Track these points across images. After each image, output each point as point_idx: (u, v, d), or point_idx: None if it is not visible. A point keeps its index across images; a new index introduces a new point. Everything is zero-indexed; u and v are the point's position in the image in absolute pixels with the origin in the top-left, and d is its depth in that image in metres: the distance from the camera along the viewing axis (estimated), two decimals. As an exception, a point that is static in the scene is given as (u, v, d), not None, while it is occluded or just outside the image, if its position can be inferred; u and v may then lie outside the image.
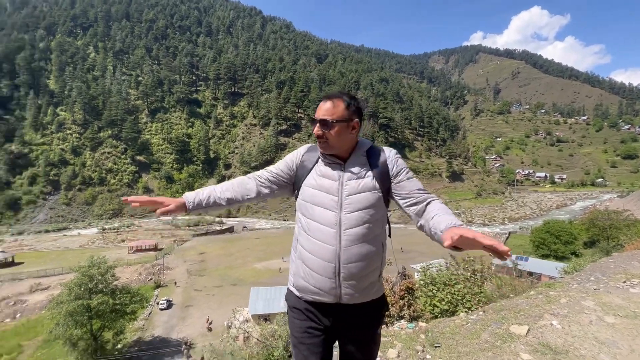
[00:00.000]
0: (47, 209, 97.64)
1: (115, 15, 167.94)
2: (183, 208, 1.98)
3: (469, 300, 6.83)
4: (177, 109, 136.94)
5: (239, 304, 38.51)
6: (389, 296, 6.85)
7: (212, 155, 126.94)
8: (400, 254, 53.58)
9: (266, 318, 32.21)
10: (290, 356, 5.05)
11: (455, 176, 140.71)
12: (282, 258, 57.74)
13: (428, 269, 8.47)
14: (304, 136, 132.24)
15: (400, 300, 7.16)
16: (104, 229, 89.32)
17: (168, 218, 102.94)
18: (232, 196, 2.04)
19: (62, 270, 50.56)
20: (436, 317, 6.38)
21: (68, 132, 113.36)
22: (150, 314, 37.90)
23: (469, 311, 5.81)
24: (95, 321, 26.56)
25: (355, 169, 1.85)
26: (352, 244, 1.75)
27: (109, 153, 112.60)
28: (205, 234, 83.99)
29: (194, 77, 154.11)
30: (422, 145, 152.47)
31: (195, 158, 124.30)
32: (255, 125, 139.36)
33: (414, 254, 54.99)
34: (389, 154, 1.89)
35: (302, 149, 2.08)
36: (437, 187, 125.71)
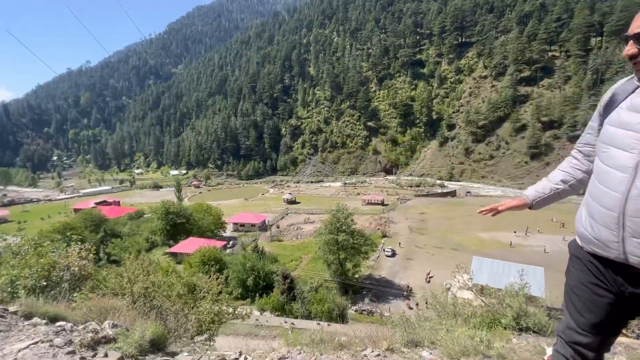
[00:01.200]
0: (311, 165, 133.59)
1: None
2: (524, 205, 2.15)
3: None
4: (402, 73, 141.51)
5: (459, 269, 37.49)
6: None
7: (434, 117, 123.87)
8: None
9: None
10: (521, 329, 4.48)
11: None
12: (515, 232, 49.73)
13: None
14: (557, 81, 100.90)
15: None
16: (345, 183, 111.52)
17: (402, 178, 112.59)
18: (563, 176, 1.95)
19: (320, 211, 68.56)
20: None
21: (322, 106, 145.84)
22: (378, 257, 44.54)
23: None
24: (341, 253, 34.64)
25: None
26: None
27: (347, 121, 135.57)
28: (427, 195, 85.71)
29: (417, 37, 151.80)
30: None
31: (417, 120, 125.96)
32: (485, 77, 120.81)
33: None
34: None
35: (617, 83, 1.73)
36: None
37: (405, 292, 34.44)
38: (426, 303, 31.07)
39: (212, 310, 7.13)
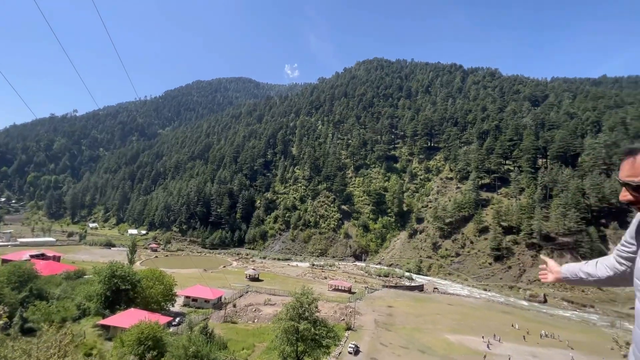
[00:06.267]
0: (280, 242, 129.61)
1: (337, 95, 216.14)
2: (559, 277, 2.18)
3: None
4: (377, 165, 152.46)
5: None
6: None
7: (405, 208, 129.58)
8: None
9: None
10: None
11: None
12: (483, 338, 47.92)
13: None
14: (513, 191, 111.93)
15: None
16: (313, 265, 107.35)
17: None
18: (592, 271, 1.94)
19: (284, 293, 63.93)
20: None
21: (299, 185, 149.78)
22: (340, 354, 40.31)
23: None
24: (300, 344, 31.12)
25: None
26: None
27: (322, 202, 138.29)
28: (395, 286, 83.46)
29: (392, 136, 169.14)
30: None
31: (389, 210, 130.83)
32: (451, 179, 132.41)
33: None
34: None
35: None
36: None
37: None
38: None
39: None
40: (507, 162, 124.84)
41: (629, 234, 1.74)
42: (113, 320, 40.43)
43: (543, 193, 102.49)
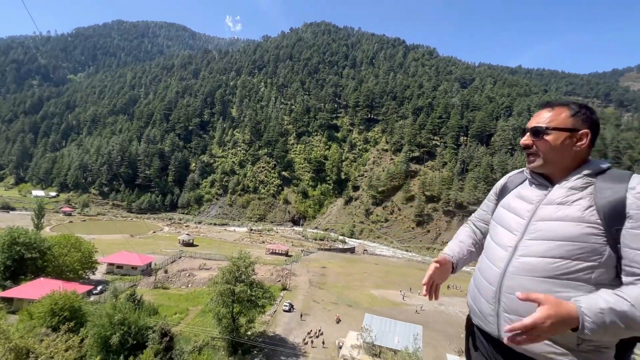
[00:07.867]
0: (217, 207, 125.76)
1: (281, 57, 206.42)
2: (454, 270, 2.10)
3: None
4: (319, 133, 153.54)
5: (352, 326, 38.39)
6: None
7: (343, 177, 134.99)
8: None
9: (376, 354, 30.77)
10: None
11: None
12: (400, 291, 54.69)
13: None
14: (437, 164, 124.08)
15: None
16: (251, 230, 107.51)
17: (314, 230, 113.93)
18: (469, 247, 2.16)
19: (220, 257, 63.41)
20: None
21: (239, 149, 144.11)
22: (275, 312, 42.39)
23: None
24: (235, 306, 31.75)
25: (560, 192, 1.54)
26: (522, 273, 1.50)
27: (263, 167, 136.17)
28: (329, 249, 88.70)
29: (335, 105, 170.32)
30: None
31: (328, 178, 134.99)
32: (386, 150, 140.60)
33: None
34: (636, 185, 1.38)
35: (511, 172, 1.96)
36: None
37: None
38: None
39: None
40: (435, 137, 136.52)
41: (493, 189, 2.01)
42: (17, 291, 35.84)
43: (461, 167, 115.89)
